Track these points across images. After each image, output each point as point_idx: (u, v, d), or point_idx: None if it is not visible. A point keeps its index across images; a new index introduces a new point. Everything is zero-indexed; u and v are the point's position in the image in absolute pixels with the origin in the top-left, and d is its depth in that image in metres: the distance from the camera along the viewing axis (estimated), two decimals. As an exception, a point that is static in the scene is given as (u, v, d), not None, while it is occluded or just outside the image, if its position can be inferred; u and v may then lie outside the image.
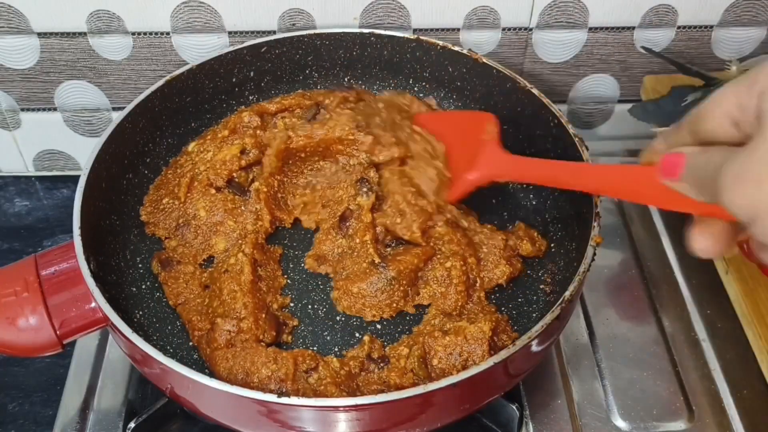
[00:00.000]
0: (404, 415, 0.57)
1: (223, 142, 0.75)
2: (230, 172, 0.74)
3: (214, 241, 0.72)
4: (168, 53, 0.84)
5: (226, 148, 0.75)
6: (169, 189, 0.74)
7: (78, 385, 0.71)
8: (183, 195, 0.73)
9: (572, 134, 0.70)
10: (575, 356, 0.73)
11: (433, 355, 0.62)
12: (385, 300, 0.67)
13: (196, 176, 0.74)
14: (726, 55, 0.88)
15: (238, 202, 0.73)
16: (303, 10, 0.82)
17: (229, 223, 0.72)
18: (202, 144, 0.76)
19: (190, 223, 0.72)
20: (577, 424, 0.68)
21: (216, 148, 0.75)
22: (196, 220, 0.72)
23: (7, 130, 0.90)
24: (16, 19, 0.80)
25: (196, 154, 0.76)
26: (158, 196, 0.74)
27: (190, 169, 0.74)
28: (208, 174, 0.73)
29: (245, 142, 0.75)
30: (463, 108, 0.83)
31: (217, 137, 0.76)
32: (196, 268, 0.71)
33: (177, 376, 0.55)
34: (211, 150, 0.75)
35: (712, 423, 0.68)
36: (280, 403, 0.53)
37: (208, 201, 0.72)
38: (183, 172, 0.75)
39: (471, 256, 0.69)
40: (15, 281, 0.62)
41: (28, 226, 0.89)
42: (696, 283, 0.79)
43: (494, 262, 0.70)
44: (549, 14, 0.83)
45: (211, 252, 0.72)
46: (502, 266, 0.69)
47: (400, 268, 0.67)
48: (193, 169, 0.74)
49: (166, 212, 0.73)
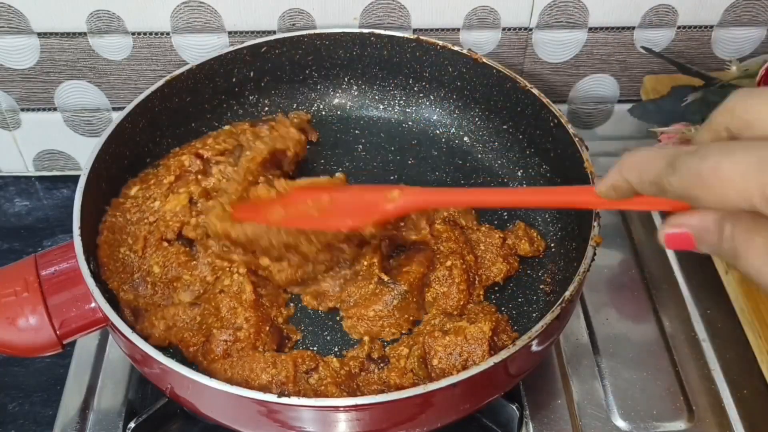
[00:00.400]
0: (404, 415, 0.57)
1: (169, 189, 0.72)
2: (182, 224, 0.70)
3: (176, 297, 0.68)
4: (168, 53, 0.84)
5: (174, 197, 0.71)
6: (122, 237, 0.69)
7: (78, 385, 0.71)
8: (140, 249, 0.69)
9: (572, 134, 0.70)
10: (575, 356, 0.73)
11: (433, 355, 0.62)
12: (403, 315, 0.66)
13: (149, 230, 0.70)
14: (726, 55, 0.88)
15: (190, 254, 0.69)
16: (303, 10, 0.82)
17: (185, 277, 0.68)
18: (146, 190, 0.72)
19: (146, 279, 0.68)
20: (577, 424, 0.68)
21: (162, 196, 0.71)
22: (151, 276, 0.68)
23: (7, 130, 0.90)
24: (16, 19, 0.80)
25: (141, 200, 0.71)
26: (114, 240, 0.69)
27: (139, 219, 0.70)
28: (158, 226, 0.70)
29: (191, 191, 0.72)
30: (463, 108, 0.83)
31: (161, 183, 0.72)
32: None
33: (177, 376, 0.55)
34: (158, 198, 0.71)
35: (712, 423, 0.68)
36: (280, 403, 0.53)
37: (161, 256, 0.69)
38: (132, 219, 0.70)
39: (469, 254, 0.69)
40: (15, 281, 0.62)
41: (28, 226, 0.89)
42: (696, 283, 0.79)
43: (491, 260, 0.70)
44: (549, 14, 0.83)
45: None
46: (499, 264, 0.69)
47: (410, 280, 0.67)
48: (142, 219, 0.70)
49: (125, 263, 0.68)
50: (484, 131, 0.82)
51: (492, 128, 0.82)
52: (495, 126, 0.81)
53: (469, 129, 0.83)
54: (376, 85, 0.85)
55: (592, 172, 0.66)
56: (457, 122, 0.83)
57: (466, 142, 0.83)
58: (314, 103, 0.86)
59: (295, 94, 0.85)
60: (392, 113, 0.85)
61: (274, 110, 0.84)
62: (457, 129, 0.83)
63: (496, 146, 0.81)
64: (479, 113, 0.82)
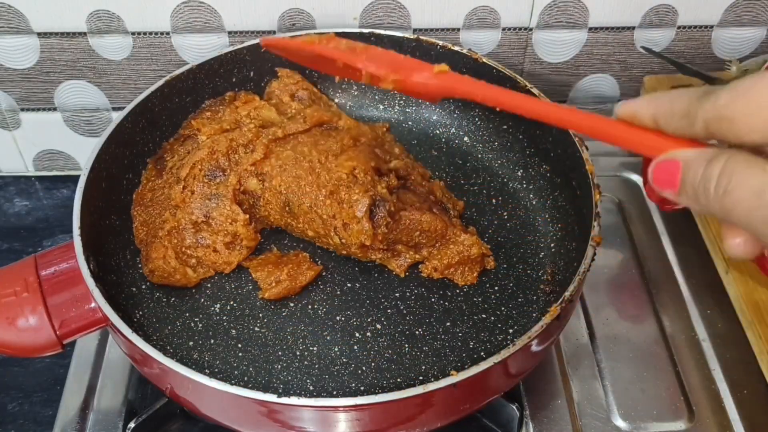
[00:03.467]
0: (404, 415, 0.57)
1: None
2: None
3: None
4: (168, 53, 0.84)
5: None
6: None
7: (78, 385, 0.71)
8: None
9: (572, 134, 0.70)
10: (575, 356, 0.73)
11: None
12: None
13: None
14: (726, 55, 0.88)
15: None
16: (303, 10, 0.82)
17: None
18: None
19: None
20: (577, 424, 0.68)
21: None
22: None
23: (7, 130, 0.90)
24: (16, 19, 0.80)
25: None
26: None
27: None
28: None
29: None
30: (463, 108, 0.83)
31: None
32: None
33: (177, 376, 0.55)
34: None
35: (712, 423, 0.68)
36: (280, 403, 0.53)
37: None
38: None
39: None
40: (15, 281, 0.62)
41: (28, 226, 0.89)
42: (696, 283, 0.79)
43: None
44: (549, 14, 0.83)
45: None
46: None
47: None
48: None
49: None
50: (484, 131, 0.82)
51: (492, 128, 0.82)
52: (495, 126, 0.81)
53: (469, 129, 0.83)
54: (376, 85, 0.85)
55: (592, 173, 0.66)
56: (457, 122, 0.83)
57: (466, 142, 0.83)
58: (314, 103, 0.86)
59: (295, 94, 0.85)
60: (392, 113, 0.85)
61: (274, 110, 0.84)
62: (457, 129, 0.83)
63: (496, 146, 0.81)
64: (479, 113, 0.82)
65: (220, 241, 0.71)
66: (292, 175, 0.70)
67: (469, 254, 0.70)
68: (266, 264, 0.71)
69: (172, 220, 0.71)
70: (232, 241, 0.71)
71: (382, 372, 0.64)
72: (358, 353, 0.65)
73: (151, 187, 0.74)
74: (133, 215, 0.73)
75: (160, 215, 0.72)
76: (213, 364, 0.65)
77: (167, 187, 0.73)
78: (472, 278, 0.71)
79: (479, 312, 0.68)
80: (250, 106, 0.78)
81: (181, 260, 0.70)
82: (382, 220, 0.68)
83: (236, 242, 0.71)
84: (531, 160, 0.78)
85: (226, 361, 0.65)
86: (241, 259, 0.71)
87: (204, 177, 0.72)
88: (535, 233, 0.74)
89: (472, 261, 0.70)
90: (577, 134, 0.69)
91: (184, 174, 0.72)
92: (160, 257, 0.69)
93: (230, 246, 0.71)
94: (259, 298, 0.69)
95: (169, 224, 0.70)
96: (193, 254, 0.71)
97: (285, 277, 0.70)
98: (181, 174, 0.72)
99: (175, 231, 0.70)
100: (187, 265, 0.70)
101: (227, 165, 0.72)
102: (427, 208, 0.71)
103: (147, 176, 0.75)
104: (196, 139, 0.75)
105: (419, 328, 0.67)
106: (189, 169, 0.72)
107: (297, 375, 0.64)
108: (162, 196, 0.73)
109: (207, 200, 0.71)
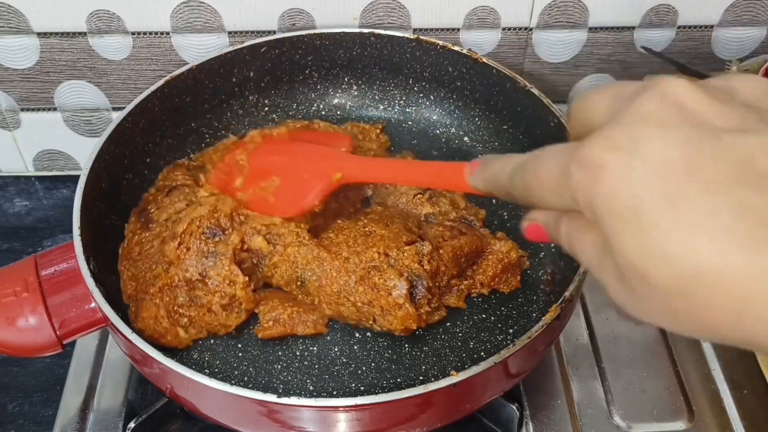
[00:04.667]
0: (404, 415, 0.57)
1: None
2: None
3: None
4: (168, 53, 0.84)
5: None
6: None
7: (78, 385, 0.71)
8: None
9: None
10: (575, 356, 0.73)
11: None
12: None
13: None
14: (726, 55, 0.88)
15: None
16: (303, 10, 0.82)
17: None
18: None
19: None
20: (577, 424, 0.68)
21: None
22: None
23: (7, 130, 0.90)
24: (16, 19, 0.80)
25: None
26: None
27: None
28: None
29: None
30: (463, 108, 0.83)
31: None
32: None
33: (177, 376, 0.55)
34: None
35: (712, 423, 0.68)
36: (280, 403, 0.53)
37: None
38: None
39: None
40: (15, 281, 0.62)
41: (28, 226, 0.89)
42: (696, 283, 0.79)
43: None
44: (549, 14, 0.83)
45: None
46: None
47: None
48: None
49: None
50: (484, 131, 0.82)
51: (492, 128, 0.82)
52: (495, 126, 0.81)
53: (469, 129, 0.83)
54: (376, 85, 0.85)
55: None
56: (457, 122, 0.83)
57: (466, 142, 0.83)
58: (314, 103, 0.86)
59: (295, 94, 0.85)
60: (392, 113, 0.85)
61: (274, 110, 0.84)
62: (457, 129, 0.83)
63: (496, 146, 0.81)
64: (479, 113, 0.82)
65: (217, 302, 0.65)
66: (312, 253, 0.66)
67: (509, 260, 0.69)
68: (274, 296, 0.67)
69: (165, 277, 0.65)
70: (229, 303, 0.65)
71: (382, 372, 0.64)
72: (358, 353, 0.65)
73: (138, 241, 0.70)
74: (120, 270, 0.68)
75: (150, 269, 0.67)
76: (213, 364, 0.65)
77: (160, 241, 0.68)
78: (516, 283, 0.69)
79: (479, 312, 0.68)
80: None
81: (173, 319, 0.65)
82: (424, 299, 0.65)
83: (234, 304, 0.65)
84: (531, 160, 0.78)
85: (226, 361, 0.65)
86: (239, 323, 0.66)
87: (202, 234, 0.66)
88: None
89: (512, 266, 0.69)
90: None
91: (181, 230, 0.66)
92: (151, 317, 0.64)
93: (227, 308, 0.65)
94: (253, 331, 0.67)
95: (162, 281, 0.65)
96: (185, 313, 0.65)
97: (286, 318, 0.66)
98: (178, 229, 0.66)
99: (168, 288, 0.65)
100: (179, 324, 0.65)
101: (229, 225, 0.67)
102: (457, 231, 0.69)
103: (131, 229, 0.71)
104: (182, 190, 0.72)
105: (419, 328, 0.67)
106: (186, 225, 0.66)
107: (297, 375, 0.64)
108: (151, 249, 0.68)
109: (204, 258, 0.65)
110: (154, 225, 0.70)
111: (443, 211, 0.72)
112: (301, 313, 0.66)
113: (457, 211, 0.73)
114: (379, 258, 0.65)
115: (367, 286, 0.64)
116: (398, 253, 0.65)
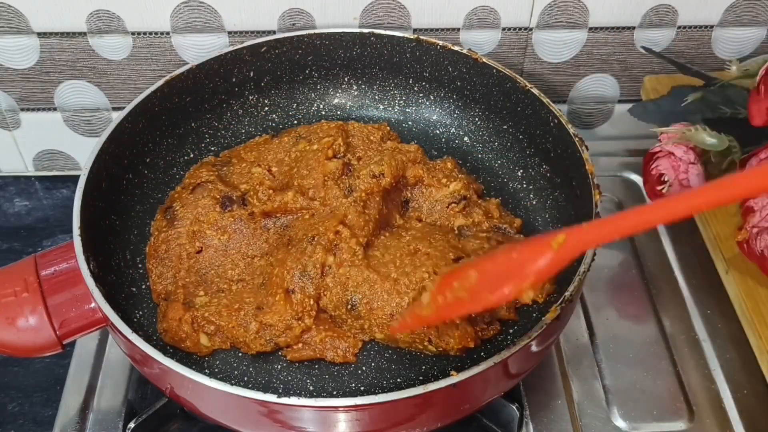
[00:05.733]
0: (404, 415, 0.57)
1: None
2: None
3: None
4: (168, 53, 0.84)
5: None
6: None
7: (78, 385, 0.71)
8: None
9: (572, 134, 0.70)
10: (575, 356, 0.73)
11: None
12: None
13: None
14: (726, 55, 0.88)
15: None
16: (303, 10, 0.82)
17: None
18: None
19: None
20: (577, 424, 0.68)
21: None
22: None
23: (7, 130, 0.90)
24: (16, 19, 0.80)
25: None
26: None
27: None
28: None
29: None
30: (463, 107, 0.83)
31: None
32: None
33: (177, 376, 0.55)
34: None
35: (712, 423, 0.68)
36: (280, 403, 0.53)
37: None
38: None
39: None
40: (15, 281, 0.62)
41: (28, 226, 0.89)
42: (696, 283, 0.79)
43: None
44: (549, 14, 0.83)
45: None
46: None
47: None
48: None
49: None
50: (484, 131, 0.82)
51: (492, 128, 0.82)
52: (495, 126, 0.81)
53: (469, 129, 0.83)
54: (376, 85, 0.85)
55: (592, 173, 0.66)
56: (457, 122, 0.83)
57: (466, 142, 0.83)
58: (314, 103, 0.86)
59: (295, 94, 0.85)
60: (392, 113, 0.85)
61: (274, 110, 0.84)
62: (457, 129, 0.83)
63: (496, 146, 0.81)
64: (479, 113, 0.82)
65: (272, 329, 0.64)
66: (362, 275, 0.65)
67: None
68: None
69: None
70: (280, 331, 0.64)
71: (382, 372, 0.64)
72: (358, 353, 0.65)
73: (164, 239, 0.71)
74: (148, 269, 0.70)
75: (177, 268, 0.69)
76: (213, 364, 0.65)
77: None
78: (551, 289, 0.68)
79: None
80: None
81: (198, 324, 0.65)
82: (479, 315, 0.65)
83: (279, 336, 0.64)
84: (531, 160, 0.78)
85: (226, 361, 0.65)
86: (263, 350, 0.64)
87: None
88: (535, 233, 0.74)
89: None
90: (577, 134, 0.69)
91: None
92: (176, 319, 0.65)
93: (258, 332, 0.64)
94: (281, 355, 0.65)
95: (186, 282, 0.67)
96: (214, 321, 0.65)
97: (317, 342, 0.64)
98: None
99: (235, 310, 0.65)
100: (203, 330, 0.65)
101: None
102: (495, 242, 0.68)
103: (157, 227, 0.72)
104: (206, 187, 0.73)
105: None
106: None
107: (297, 375, 0.64)
108: (177, 247, 0.70)
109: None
110: (179, 223, 0.71)
111: (476, 222, 0.72)
112: (334, 339, 0.64)
113: (489, 220, 0.72)
114: (430, 278, 0.63)
115: None
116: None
